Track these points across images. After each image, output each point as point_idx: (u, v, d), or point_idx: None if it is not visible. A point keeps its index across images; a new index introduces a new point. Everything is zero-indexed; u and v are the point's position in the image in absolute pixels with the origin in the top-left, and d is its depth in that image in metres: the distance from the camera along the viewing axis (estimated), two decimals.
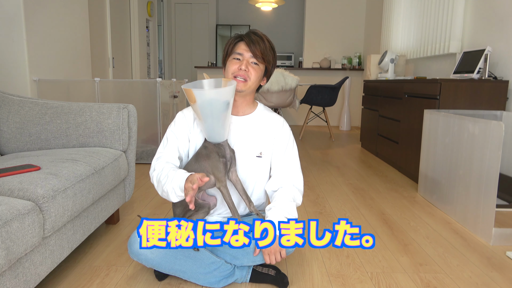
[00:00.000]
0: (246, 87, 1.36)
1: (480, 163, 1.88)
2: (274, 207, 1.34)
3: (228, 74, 1.37)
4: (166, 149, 1.39)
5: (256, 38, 1.34)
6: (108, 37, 4.41)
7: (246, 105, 1.43)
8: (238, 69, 1.34)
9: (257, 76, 1.36)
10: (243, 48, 1.35)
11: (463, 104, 2.53)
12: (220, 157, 1.30)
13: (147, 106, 3.29)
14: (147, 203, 2.27)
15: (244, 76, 1.34)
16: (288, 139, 1.47)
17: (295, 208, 1.37)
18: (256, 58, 1.34)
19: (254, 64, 1.35)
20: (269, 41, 1.38)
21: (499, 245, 1.78)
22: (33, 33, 2.73)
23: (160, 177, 1.30)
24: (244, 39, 1.35)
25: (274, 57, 1.40)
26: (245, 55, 1.34)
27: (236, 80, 1.34)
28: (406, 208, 2.31)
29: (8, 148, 1.83)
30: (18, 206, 1.08)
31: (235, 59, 1.35)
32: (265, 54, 1.35)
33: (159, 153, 1.40)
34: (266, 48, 1.35)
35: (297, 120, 6.58)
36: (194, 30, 7.81)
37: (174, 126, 1.43)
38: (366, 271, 1.52)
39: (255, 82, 1.37)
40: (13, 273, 1.07)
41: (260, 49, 1.33)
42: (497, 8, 2.77)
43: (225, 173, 1.33)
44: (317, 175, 3.06)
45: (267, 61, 1.36)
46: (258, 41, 1.33)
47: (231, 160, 1.34)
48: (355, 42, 6.44)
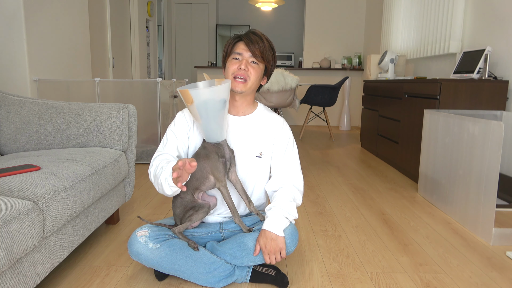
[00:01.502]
0: (246, 88, 1.35)
1: (480, 163, 1.88)
2: (274, 207, 1.34)
3: (228, 74, 1.37)
4: (165, 148, 1.40)
5: (255, 37, 1.34)
6: (108, 37, 4.41)
7: (246, 105, 1.43)
8: (237, 69, 1.34)
9: (257, 76, 1.36)
10: (242, 47, 1.35)
11: (463, 104, 2.53)
12: (220, 157, 1.30)
13: (147, 106, 3.29)
14: (147, 203, 2.27)
15: (244, 75, 1.34)
16: (288, 139, 1.47)
17: (295, 208, 1.37)
18: (256, 57, 1.34)
19: (254, 63, 1.35)
20: (268, 40, 1.38)
21: (499, 245, 1.78)
22: (33, 33, 2.73)
23: (156, 171, 1.30)
24: (243, 39, 1.35)
25: (273, 56, 1.40)
26: (244, 54, 1.34)
27: (236, 81, 1.34)
28: (406, 208, 2.31)
29: (8, 148, 1.83)
30: (18, 206, 1.08)
31: (235, 59, 1.35)
32: (264, 53, 1.35)
33: (158, 152, 1.40)
34: (265, 47, 1.35)
35: (297, 120, 6.58)
36: (194, 30, 7.81)
37: (174, 125, 1.43)
38: (366, 271, 1.52)
39: (255, 82, 1.37)
40: (13, 273, 1.07)
41: (259, 48, 1.33)
42: (497, 8, 2.77)
43: (225, 173, 1.33)
44: (317, 175, 3.06)
45: (266, 60, 1.36)
46: (257, 41, 1.33)
47: (231, 160, 1.34)
48: (355, 42, 6.45)
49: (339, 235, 1.87)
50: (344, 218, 2.10)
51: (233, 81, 1.35)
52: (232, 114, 1.43)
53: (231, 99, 1.41)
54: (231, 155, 1.34)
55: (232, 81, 1.35)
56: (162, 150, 1.40)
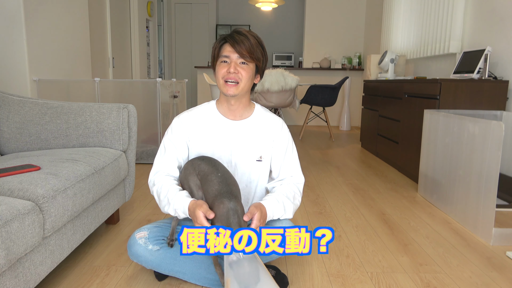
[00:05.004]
0: (239, 90, 1.32)
1: (480, 163, 1.88)
2: (276, 197, 1.33)
3: (218, 78, 1.33)
4: (164, 160, 1.38)
5: (240, 37, 1.29)
6: (108, 37, 4.41)
7: (243, 108, 1.41)
8: (227, 73, 1.30)
9: (248, 76, 1.32)
10: (229, 49, 1.30)
11: (463, 104, 2.53)
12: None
13: (147, 106, 3.29)
14: (147, 203, 2.27)
15: (234, 78, 1.30)
16: (287, 141, 1.46)
17: (291, 209, 1.37)
18: (244, 58, 1.29)
19: (243, 63, 1.31)
20: (256, 36, 1.33)
21: (499, 245, 1.78)
22: (33, 33, 2.73)
23: (160, 196, 1.30)
24: (228, 41, 1.30)
25: (263, 52, 1.35)
26: (232, 56, 1.30)
27: (227, 85, 1.31)
28: (406, 208, 2.31)
29: (8, 148, 1.83)
30: (18, 206, 1.08)
31: (223, 62, 1.32)
32: (252, 52, 1.29)
33: (157, 165, 1.39)
34: (252, 45, 1.29)
35: (297, 120, 6.58)
36: (194, 30, 7.81)
37: (172, 133, 1.40)
38: (366, 271, 1.52)
39: (247, 83, 1.33)
40: (13, 273, 1.07)
41: (246, 47, 1.28)
42: (497, 8, 2.77)
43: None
44: (317, 175, 3.05)
45: (256, 58, 1.32)
46: (242, 40, 1.28)
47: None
48: (355, 42, 6.44)
49: (339, 235, 1.87)
50: (344, 218, 2.10)
51: (225, 85, 1.31)
52: (230, 118, 1.40)
53: (226, 104, 1.39)
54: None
55: (224, 85, 1.32)
56: (161, 162, 1.38)
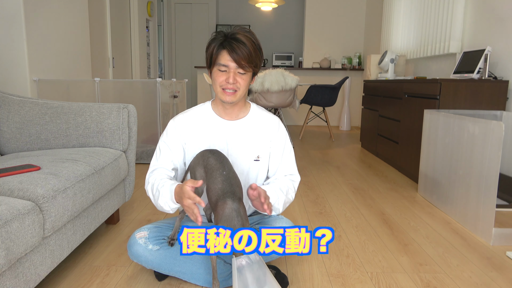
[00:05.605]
0: (237, 98, 1.32)
1: (480, 163, 1.88)
2: (276, 188, 1.35)
3: (216, 85, 1.32)
4: (159, 162, 1.38)
5: (238, 44, 1.24)
6: (108, 37, 4.41)
7: (239, 109, 1.41)
8: (225, 82, 1.29)
9: (246, 84, 1.32)
10: (227, 58, 1.26)
11: (463, 104, 2.53)
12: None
13: (147, 106, 3.29)
14: (147, 203, 2.27)
15: (233, 88, 1.29)
16: (285, 140, 1.46)
17: (282, 203, 1.37)
18: (243, 67, 1.27)
19: (241, 73, 1.29)
20: (253, 40, 1.28)
21: (499, 245, 1.78)
22: (33, 33, 2.73)
23: (153, 191, 1.31)
24: (226, 49, 1.26)
25: (260, 57, 1.32)
26: (231, 66, 1.27)
27: (225, 92, 1.30)
28: (406, 208, 2.31)
29: (8, 148, 1.83)
30: (18, 206, 1.08)
31: (221, 71, 1.29)
32: (251, 60, 1.27)
33: (153, 167, 1.39)
34: (250, 52, 1.26)
35: (297, 120, 6.58)
36: (194, 30, 7.81)
37: (167, 136, 1.40)
38: (366, 271, 1.52)
39: (245, 90, 1.33)
40: (13, 273, 1.07)
41: (244, 56, 1.25)
42: (497, 8, 2.77)
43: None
44: (317, 175, 3.05)
45: (254, 65, 1.30)
46: (240, 48, 1.24)
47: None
48: (355, 42, 6.44)
49: (339, 235, 1.87)
50: (344, 218, 2.10)
51: (223, 93, 1.30)
52: (226, 118, 1.40)
53: (222, 107, 1.39)
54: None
55: (222, 92, 1.31)
56: (156, 164, 1.38)
